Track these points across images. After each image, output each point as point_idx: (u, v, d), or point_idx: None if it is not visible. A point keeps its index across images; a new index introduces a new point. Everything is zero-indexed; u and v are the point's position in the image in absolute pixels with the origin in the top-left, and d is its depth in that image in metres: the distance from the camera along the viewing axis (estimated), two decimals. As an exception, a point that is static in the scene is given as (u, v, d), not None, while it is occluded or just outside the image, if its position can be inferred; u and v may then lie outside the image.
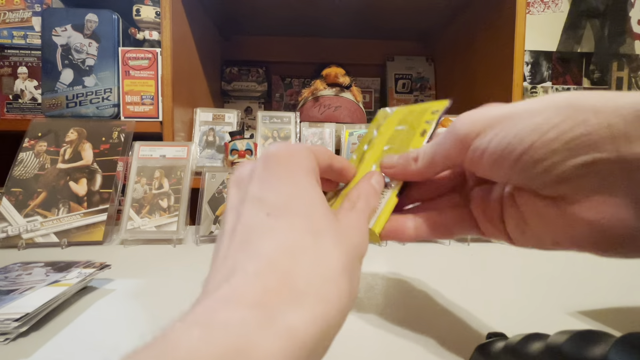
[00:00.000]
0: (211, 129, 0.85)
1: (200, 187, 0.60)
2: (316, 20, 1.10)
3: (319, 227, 0.16)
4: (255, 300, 0.13)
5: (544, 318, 0.32)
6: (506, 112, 0.18)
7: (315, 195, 0.17)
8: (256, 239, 0.15)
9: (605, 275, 0.44)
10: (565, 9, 1.22)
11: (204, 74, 1.01)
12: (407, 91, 1.23)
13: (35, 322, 0.29)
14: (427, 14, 1.05)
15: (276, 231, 0.15)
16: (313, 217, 0.16)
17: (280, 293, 0.13)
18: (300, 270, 0.14)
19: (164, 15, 0.75)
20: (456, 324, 0.30)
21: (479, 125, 0.18)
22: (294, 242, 0.15)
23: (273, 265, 0.14)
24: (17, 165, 0.59)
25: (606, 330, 0.20)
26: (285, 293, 0.13)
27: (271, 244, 0.15)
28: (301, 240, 0.15)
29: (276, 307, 0.13)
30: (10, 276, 0.35)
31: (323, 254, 0.15)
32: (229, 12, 1.04)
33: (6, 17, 0.84)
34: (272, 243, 0.15)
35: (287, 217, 0.16)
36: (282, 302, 0.13)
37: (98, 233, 0.56)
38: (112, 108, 0.76)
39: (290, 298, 0.13)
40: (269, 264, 0.14)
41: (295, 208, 0.16)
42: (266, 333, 0.12)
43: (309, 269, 0.14)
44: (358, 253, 0.18)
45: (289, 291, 0.14)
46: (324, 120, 0.90)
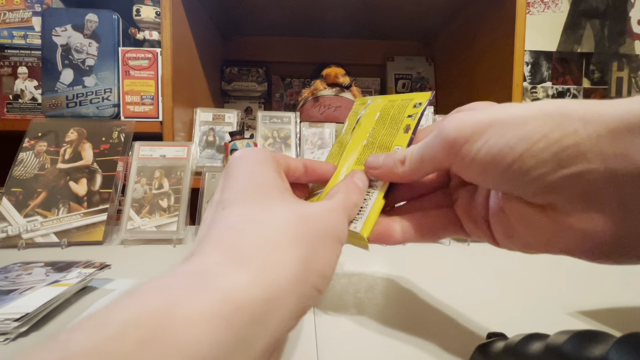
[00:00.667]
0: (211, 129, 0.85)
1: (200, 187, 0.60)
2: (316, 20, 1.10)
3: (269, 203, 0.17)
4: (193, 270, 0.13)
5: (544, 318, 0.32)
6: (495, 117, 0.17)
7: (266, 179, 0.18)
8: (210, 230, 0.16)
9: (605, 275, 0.44)
10: (565, 9, 1.22)
11: (204, 74, 1.01)
12: (407, 91, 1.23)
13: (35, 322, 0.29)
14: (427, 14, 1.05)
15: (226, 217, 0.16)
16: (263, 195, 0.17)
17: (222, 262, 0.14)
18: (245, 240, 0.15)
19: (164, 15, 0.75)
20: (456, 324, 0.30)
21: (468, 130, 0.18)
22: (241, 218, 0.16)
23: (219, 241, 0.15)
24: (17, 165, 0.59)
25: (606, 330, 0.20)
26: (228, 261, 0.14)
27: (220, 226, 0.16)
28: (249, 215, 0.16)
29: (215, 273, 0.13)
30: (10, 276, 0.35)
31: (271, 222, 0.16)
32: (229, 12, 1.04)
33: (6, 17, 0.84)
34: (221, 226, 0.16)
35: (237, 202, 0.17)
36: (222, 269, 0.13)
37: (98, 233, 0.56)
38: (112, 108, 0.76)
39: (232, 264, 0.13)
40: (215, 241, 0.15)
41: (246, 194, 0.17)
42: (197, 295, 0.12)
43: (255, 236, 0.15)
44: (329, 232, 0.17)
45: (232, 259, 0.14)
46: (324, 120, 0.90)
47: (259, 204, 0.17)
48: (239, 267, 0.13)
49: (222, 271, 0.13)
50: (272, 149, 0.85)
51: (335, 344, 0.27)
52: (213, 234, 0.15)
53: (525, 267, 0.46)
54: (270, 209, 0.16)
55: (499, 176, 0.17)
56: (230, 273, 0.13)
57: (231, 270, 0.13)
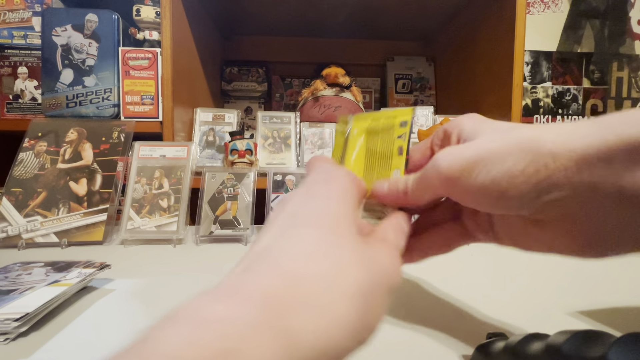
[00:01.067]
0: (211, 129, 0.85)
1: (200, 187, 0.60)
2: (316, 20, 1.10)
3: (341, 240, 0.16)
4: (255, 297, 0.12)
5: (544, 318, 0.32)
6: (480, 154, 0.19)
7: (344, 211, 0.18)
8: (276, 247, 0.15)
9: (605, 275, 0.44)
10: (565, 9, 1.22)
11: (204, 74, 1.01)
12: (407, 91, 1.23)
13: (35, 322, 0.29)
14: (427, 14, 1.05)
15: (295, 239, 0.15)
16: (337, 230, 0.16)
17: (285, 295, 0.13)
18: (310, 278, 0.14)
19: (164, 15, 0.75)
20: (456, 324, 0.30)
21: (457, 167, 0.20)
22: (310, 248, 0.15)
23: (283, 267, 0.14)
24: (17, 165, 0.59)
25: (606, 330, 0.20)
26: (290, 296, 0.13)
27: (286, 249, 0.15)
28: (319, 248, 0.15)
29: (277, 308, 0.12)
30: (10, 276, 0.35)
31: (339, 267, 0.15)
32: (229, 12, 1.04)
33: (6, 17, 0.84)
34: (287, 249, 0.15)
35: (310, 227, 0.16)
36: (284, 305, 0.12)
37: (98, 233, 0.56)
38: (112, 108, 0.76)
39: (295, 302, 0.13)
40: (278, 265, 0.14)
41: (321, 220, 0.16)
42: (262, 334, 0.11)
43: (321, 279, 0.14)
44: (386, 281, 0.17)
45: (295, 295, 0.13)
46: (324, 120, 0.90)
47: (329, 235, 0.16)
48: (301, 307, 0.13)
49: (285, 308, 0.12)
50: (272, 149, 0.85)
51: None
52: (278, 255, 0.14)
53: (525, 267, 0.46)
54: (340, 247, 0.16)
55: (491, 204, 0.20)
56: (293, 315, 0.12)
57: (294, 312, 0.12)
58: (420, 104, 1.23)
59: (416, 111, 0.87)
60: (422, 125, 0.86)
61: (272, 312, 0.12)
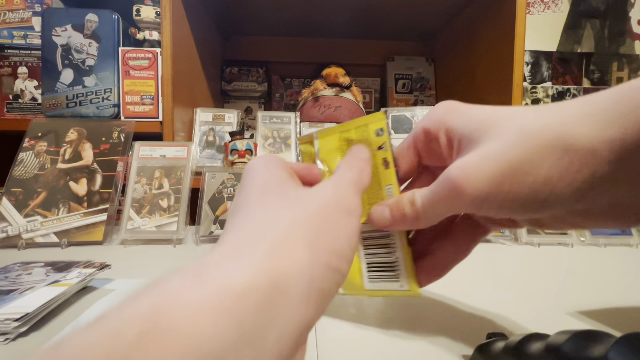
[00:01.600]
0: (211, 129, 0.85)
1: (200, 187, 0.60)
2: (316, 20, 1.10)
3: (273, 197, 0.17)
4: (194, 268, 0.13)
5: (544, 318, 0.32)
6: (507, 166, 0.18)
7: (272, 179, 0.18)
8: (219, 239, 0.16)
9: (605, 275, 0.44)
10: (565, 9, 1.22)
11: (204, 74, 1.01)
12: (407, 91, 1.23)
13: (35, 322, 0.29)
14: (427, 14, 1.05)
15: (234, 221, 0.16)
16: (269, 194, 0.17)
17: (223, 256, 0.13)
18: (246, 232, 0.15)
19: (164, 15, 0.75)
20: (456, 324, 0.30)
21: (485, 185, 0.18)
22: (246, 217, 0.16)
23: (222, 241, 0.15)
24: (17, 165, 0.59)
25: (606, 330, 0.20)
26: (228, 254, 0.13)
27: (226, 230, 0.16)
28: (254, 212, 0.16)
29: (214, 265, 0.13)
30: (10, 276, 0.35)
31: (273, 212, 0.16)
32: (229, 12, 1.04)
33: (6, 17, 0.84)
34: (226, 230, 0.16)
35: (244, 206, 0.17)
36: (222, 260, 0.13)
37: (98, 233, 0.56)
38: (112, 108, 0.76)
39: (232, 256, 0.13)
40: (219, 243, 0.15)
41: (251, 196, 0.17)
42: (195, 287, 0.11)
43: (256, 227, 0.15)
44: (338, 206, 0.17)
45: (232, 251, 0.14)
46: (324, 121, 0.90)
47: (264, 202, 0.17)
48: (238, 256, 0.13)
49: (222, 261, 0.13)
50: (272, 149, 0.85)
51: (335, 344, 0.27)
52: (219, 240, 0.15)
53: (525, 267, 0.46)
54: (272, 200, 0.17)
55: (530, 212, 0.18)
56: (229, 262, 0.13)
57: (230, 260, 0.13)
58: (420, 104, 1.23)
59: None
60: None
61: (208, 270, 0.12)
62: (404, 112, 0.88)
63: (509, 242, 0.59)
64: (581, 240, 0.59)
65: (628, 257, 0.53)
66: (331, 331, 0.28)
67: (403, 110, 0.88)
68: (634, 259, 0.52)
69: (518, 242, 0.58)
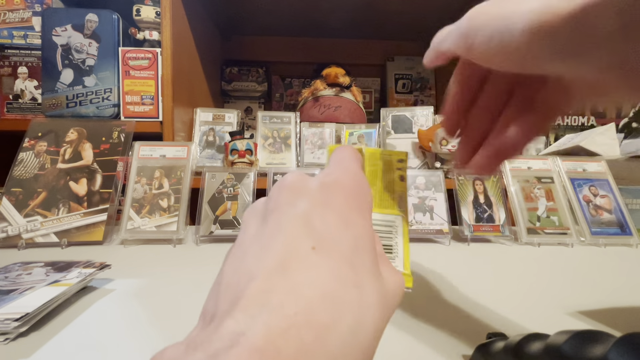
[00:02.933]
0: (211, 129, 0.85)
1: (200, 187, 0.60)
2: (316, 20, 1.10)
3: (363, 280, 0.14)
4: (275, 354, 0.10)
5: (544, 318, 0.32)
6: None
7: (368, 239, 0.15)
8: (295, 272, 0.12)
9: (605, 275, 0.44)
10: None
11: (204, 74, 1.01)
12: (407, 91, 1.23)
13: (35, 322, 0.29)
14: (427, 14, 1.05)
15: (318, 270, 0.13)
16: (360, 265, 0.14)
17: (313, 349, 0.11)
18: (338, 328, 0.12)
19: (164, 15, 0.75)
20: (456, 324, 0.30)
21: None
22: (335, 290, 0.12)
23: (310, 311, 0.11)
24: (17, 165, 0.59)
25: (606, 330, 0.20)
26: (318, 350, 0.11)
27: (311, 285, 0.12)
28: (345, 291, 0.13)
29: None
30: (10, 276, 0.35)
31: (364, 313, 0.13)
32: (229, 12, 1.04)
33: (6, 17, 0.84)
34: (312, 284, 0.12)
35: (332, 257, 0.13)
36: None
37: (98, 233, 0.56)
38: (112, 108, 0.76)
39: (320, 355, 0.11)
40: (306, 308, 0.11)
41: (343, 248, 0.14)
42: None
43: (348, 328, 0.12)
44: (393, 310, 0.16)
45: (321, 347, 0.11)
46: (324, 120, 0.90)
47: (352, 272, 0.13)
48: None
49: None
50: (272, 149, 0.85)
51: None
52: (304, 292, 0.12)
53: (525, 267, 0.46)
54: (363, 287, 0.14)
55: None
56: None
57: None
58: (420, 104, 1.23)
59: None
60: (422, 125, 0.86)
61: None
62: (404, 112, 0.88)
63: (509, 242, 0.59)
64: (581, 240, 0.59)
65: (628, 257, 0.53)
66: (331, 331, 0.28)
67: (403, 110, 0.88)
68: (634, 259, 0.52)
69: (518, 242, 0.58)
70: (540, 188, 0.63)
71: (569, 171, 0.66)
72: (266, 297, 0.11)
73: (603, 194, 0.64)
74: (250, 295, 0.12)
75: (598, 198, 0.63)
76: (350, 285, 0.13)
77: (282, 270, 0.12)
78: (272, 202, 0.15)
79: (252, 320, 0.11)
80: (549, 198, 0.62)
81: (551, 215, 0.60)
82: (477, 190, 0.63)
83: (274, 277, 0.12)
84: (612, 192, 0.64)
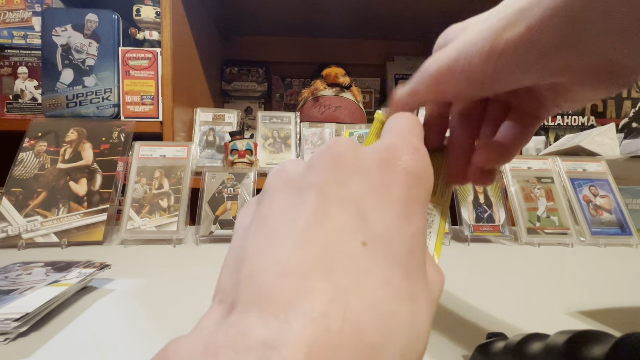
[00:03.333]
0: (211, 129, 0.85)
1: (200, 187, 0.60)
2: (316, 20, 1.10)
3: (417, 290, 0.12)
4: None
5: (544, 318, 0.32)
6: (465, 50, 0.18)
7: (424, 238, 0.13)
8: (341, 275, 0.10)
9: (605, 275, 0.44)
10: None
11: (204, 74, 1.01)
12: (407, 91, 1.23)
13: (35, 322, 0.29)
14: (427, 14, 1.05)
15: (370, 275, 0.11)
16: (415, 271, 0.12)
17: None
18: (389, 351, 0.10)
19: (164, 15, 0.75)
20: (456, 324, 0.30)
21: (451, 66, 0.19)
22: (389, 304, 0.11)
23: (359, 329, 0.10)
24: (17, 165, 0.59)
25: (606, 330, 0.20)
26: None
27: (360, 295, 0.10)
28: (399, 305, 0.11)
29: None
30: (10, 276, 0.35)
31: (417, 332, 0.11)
32: (229, 12, 1.04)
33: (6, 17, 0.84)
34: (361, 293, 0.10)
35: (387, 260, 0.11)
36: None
37: (98, 233, 0.56)
38: (112, 108, 0.76)
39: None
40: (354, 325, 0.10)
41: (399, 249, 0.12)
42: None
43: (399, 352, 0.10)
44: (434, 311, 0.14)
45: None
46: (324, 120, 0.90)
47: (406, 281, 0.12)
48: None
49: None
50: (272, 149, 0.85)
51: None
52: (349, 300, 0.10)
53: (525, 267, 0.46)
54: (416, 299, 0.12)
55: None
56: None
57: None
58: (420, 104, 1.23)
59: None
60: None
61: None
62: (404, 112, 0.88)
63: (509, 242, 0.59)
64: (581, 240, 0.59)
65: (628, 257, 0.53)
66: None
67: (403, 110, 0.88)
68: (634, 259, 0.52)
69: (518, 242, 0.58)
70: (540, 188, 0.63)
71: (569, 171, 0.66)
72: (304, 302, 0.10)
73: (603, 194, 0.64)
74: (283, 296, 0.10)
75: (598, 198, 0.63)
76: (405, 297, 0.11)
77: (324, 270, 0.10)
78: (313, 174, 0.13)
79: (286, 328, 0.09)
80: (549, 198, 0.62)
81: (551, 215, 0.60)
82: (477, 190, 0.63)
83: (312, 277, 0.10)
84: (612, 192, 0.64)
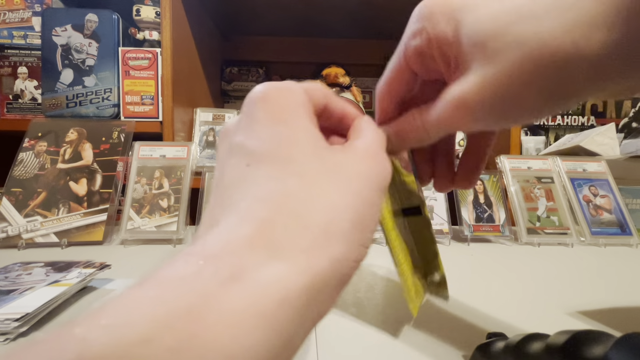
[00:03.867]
0: (211, 129, 0.85)
1: (200, 187, 0.60)
2: (316, 20, 1.10)
3: (306, 169, 0.14)
4: (219, 252, 0.11)
5: (544, 318, 0.32)
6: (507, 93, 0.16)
7: (302, 134, 0.15)
8: (234, 192, 0.14)
9: (605, 275, 0.44)
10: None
11: (204, 74, 1.01)
12: (407, 91, 1.23)
13: (35, 322, 0.29)
14: (427, 14, 1.05)
15: (254, 180, 0.14)
16: (299, 159, 0.15)
17: (255, 245, 0.12)
18: (280, 219, 0.13)
19: (164, 15, 0.75)
20: (456, 324, 0.30)
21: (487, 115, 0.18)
22: (274, 190, 0.13)
23: (247, 215, 0.13)
24: (17, 165, 0.59)
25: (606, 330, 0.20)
26: (261, 244, 0.12)
27: (248, 195, 0.14)
28: (283, 187, 0.14)
29: (247, 259, 0.11)
30: (10, 276, 0.35)
31: (310, 200, 0.13)
32: (229, 12, 1.04)
33: (6, 17, 0.84)
34: (248, 194, 0.14)
35: (267, 164, 0.14)
36: (256, 254, 0.11)
37: (98, 233, 0.56)
38: (112, 108, 0.76)
39: (267, 249, 0.12)
40: (244, 216, 0.13)
41: (277, 152, 0.15)
42: (230, 288, 0.10)
43: (292, 217, 0.13)
44: (373, 186, 0.15)
45: (266, 242, 0.12)
46: (324, 120, 0.90)
47: (290, 168, 0.14)
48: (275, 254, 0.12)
49: (256, 258, 0.11)
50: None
51: (335, 343, 0.27)
52: (241, 205, 0.13)
53: (525, 267, 0.46)
54: (306, 177, 0.14)
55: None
56: (266, 262, 0.11)
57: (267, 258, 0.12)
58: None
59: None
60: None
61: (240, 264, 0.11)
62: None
63: (509, 242, 0.59)
64: (581, 240, 0.59)
65: (628, 257, 0.53)
66: (331, 331, 0.28)
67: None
68: (634, 259, 0.52)
69: (518, 242, 0.58)
70: (540, 188, 0.63)
71: (569, 171, 0.66)
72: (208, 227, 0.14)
73: (603, 194, 0.64)
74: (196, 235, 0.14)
75: (598, 198, 0.63)
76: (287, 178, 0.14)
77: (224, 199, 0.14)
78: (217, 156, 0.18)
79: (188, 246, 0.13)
80: (549, 198, 0.62)
81: (551, 215, 0.60)
82: (477, 190, 0.63)
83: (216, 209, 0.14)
84: (612, 192, 0.64)
